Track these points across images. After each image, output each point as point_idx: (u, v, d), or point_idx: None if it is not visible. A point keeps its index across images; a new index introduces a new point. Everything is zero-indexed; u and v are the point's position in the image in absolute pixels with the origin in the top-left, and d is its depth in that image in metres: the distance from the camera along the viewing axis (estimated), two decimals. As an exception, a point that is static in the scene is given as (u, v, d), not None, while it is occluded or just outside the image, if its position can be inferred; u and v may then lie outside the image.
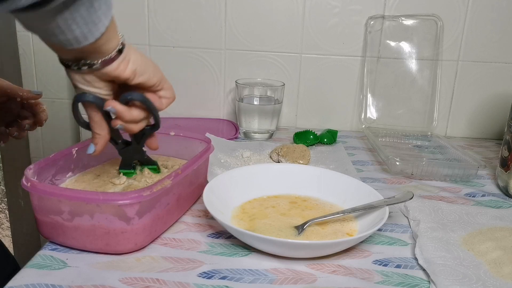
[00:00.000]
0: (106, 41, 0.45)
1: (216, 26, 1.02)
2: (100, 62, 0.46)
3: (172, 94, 0.55)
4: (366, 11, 1.00)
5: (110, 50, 0.46)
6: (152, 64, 0.52)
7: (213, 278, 0.48)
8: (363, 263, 0.52)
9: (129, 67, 0.48)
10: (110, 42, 0.46)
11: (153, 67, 0.52)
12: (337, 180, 0.67)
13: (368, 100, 1.04)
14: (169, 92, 0.55)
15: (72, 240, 0.51)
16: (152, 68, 0.51)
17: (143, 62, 0.50)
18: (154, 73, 0.51)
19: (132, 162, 0.62)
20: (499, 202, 0.71)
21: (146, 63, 0.50)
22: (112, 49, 0.46)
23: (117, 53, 0.47)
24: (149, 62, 0.51)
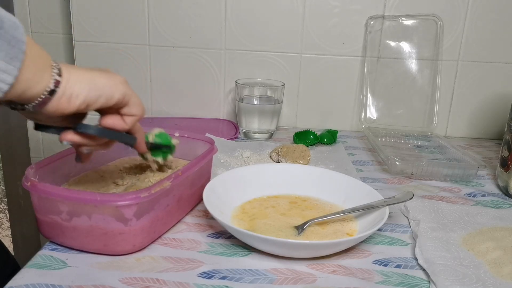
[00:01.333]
0: (26, 88, 0.39)
1: (216, 26, 1.02)
2: (31, 107, 0.41)
3: (138, 111, 0.48)
4: (366, 11, 1.00)
5: (38, 94, 0.40)
6: (111, 83, 0.45)
7: (213, 278, 0.48)
8: (363, 263, 0.52)
9: (72, 102, 0.42)
10: (34, 88, 0.39)
11: (110, 86, 0.45)
12: (337, 180, 0.67)
13: (368, 100, 1.04)
14: (134, 109, 0.48)
15: (71, 240, 0.51)
16: (109, 88, 0.44)
17: (94, 88, 0.43)
18: (113, 92, 0.45)
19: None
20: (499, 202, 0.71)
21: (98, 86, 0.44)
22: (40, 92, 0.40)
23: (49, 95, 0.40)
24: (105, 82, 0.44)
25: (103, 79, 0.44)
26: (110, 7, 1.01)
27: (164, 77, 1.06)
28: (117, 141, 0.51)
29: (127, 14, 1.01)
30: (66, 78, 0.42)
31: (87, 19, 1.02)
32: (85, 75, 0.43)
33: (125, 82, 0.47)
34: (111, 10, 1.01)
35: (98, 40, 1.03)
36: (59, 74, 0.41)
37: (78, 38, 1.03)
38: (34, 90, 0.40)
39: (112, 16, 1.01)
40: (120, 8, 1.01)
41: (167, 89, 1.06)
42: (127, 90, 0.46)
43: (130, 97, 0.47)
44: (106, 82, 0.44)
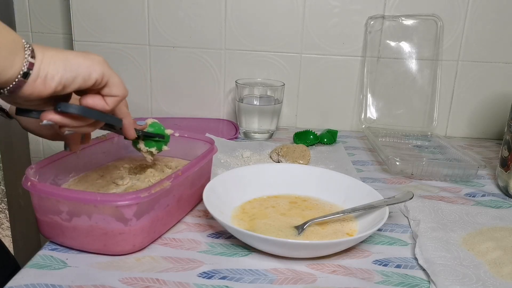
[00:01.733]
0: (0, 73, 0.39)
1: (216, 26, 1.02)
2: (6, 91, 0.40)
3: (119, 91, 0.46)
4: (366, 11, 1.00)
5: (12, 78, 0.39)
6: (87, 62, 0.43)
7: (213, 278, 0.48)
8: (363, 263, 0.52)
9: (48, 84, 0.41)
10: (7, 72, 0.39)
11: (87, 66, 0.43)
12: (337, 180, 0.67)
13: (368, 100, 1.04)
14: (115, 89, 0.46)
15: (71, 240, 0.51)
16: (85, 68, 0.43)
17: (69, 68, 0.42)
18: (90, 72, 0.43)
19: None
20: (499, 202, 0.71)
21: (74, 67, 0.42)
22: (14, 76, 0.39)
23: (23, 77, 0.39)
24: (81, 62, 0.42)
25: (79, 59, 0.42)
26: (110, 7, 1.01)
27: (164, 77, 1.06)
28: (101, 121, 0.48)
29: (127, 14, 1.01)
30: (39, 59, 0.40)
31: (87, 19, 1.02)
32: (60, 55, 0.41)
33: (103, 62, 0.44)
34: (111, 10, 1.01)
35: (98, 40, 1.03)
36: (32, 56, 0.40)
37: (78, 38, 1.03)
38: (7, 74, 0.39)
39: (112, 16, 1.01)
40: (120, 8, 1.01)
41: (167, 89, 1.06)
42: (105, 69, 0.44)
43: (109, 77, 0.45)
44: (82, 62, 0.42)
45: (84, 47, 1.04)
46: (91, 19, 1.02)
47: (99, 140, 0.65)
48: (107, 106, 0.46)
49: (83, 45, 1.03)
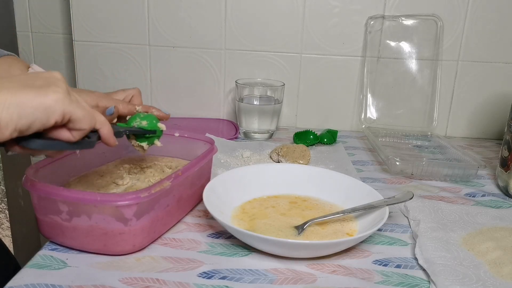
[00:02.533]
0: None
1: (216, 26, 1.02)
2: None
3: (85, 124, 0.42)
4: (366, 11, 1.00)
5: None
6: (44, 104, 0.38)
7: (213, 278, 0.48)
8: (363, 263, 0.52)
9: (1, 133, 0.37)
10: None
11: (44, 108, 0.38)
12: (337, 180, 0.67)
13: (368, 100, 1.04)
14: (78, 124, 0.42)
15: (71, 240, 0.51)
16: (42, 112, 0.38)
17: (24, 113, 0.37)
18: (48, 115, 0.39)
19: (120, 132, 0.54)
20: (499, 202, 0.71)
21: (28, 112, 0.38)
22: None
23: None
24: (37, 105, 0.38)
25: (36, 101, 0.38)
26: (110, 7, 1.01)
27: (164, 77, 1.06)
28: (69, 150, 0.46)
29: (127, 14, 1.01)
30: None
31: (87, 19, 1.02)
32: (14, 99, 0.37)
33: (63, 99, 0.39)
34: (111, 10, 1.01)
35: (98, 40, 1.03)
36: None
37: (78, 38, 1.03)
38: None
39: (112, 16, 1.01)
40: (120, 8, 1.01)
41: (167, 89, 1.06)
42: (66, 107, 0.40)
43: (71, 113, 0.41)
44: (39, 105, 0.38)
45: (84, 47, 1.04)
46: (91, 19, 1.02)
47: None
48: (72, 138, 0.43)
49: (83, 45, 1.04)
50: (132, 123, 0.57)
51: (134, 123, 0.57)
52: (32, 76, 0.41)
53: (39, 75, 0.41)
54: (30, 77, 0.40)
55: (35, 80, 0.40)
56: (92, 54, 1.04)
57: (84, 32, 1.03)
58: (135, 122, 0.57)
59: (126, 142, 0.68)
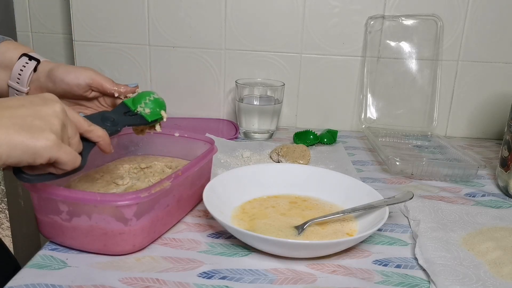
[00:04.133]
0: None
1: (216, 26, 1.02)
2: None
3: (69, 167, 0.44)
4: (366, 11, 1.00)
5: None
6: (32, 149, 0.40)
7: (213, 278, 0.48)
8: (363, 263, 0.52)
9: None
10: None
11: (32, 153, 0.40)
12: (337, 180, 0.67)
13: (368, 100, 1.04)
14: (64, 166, 0.44)
15: (71, 240, 0.51)
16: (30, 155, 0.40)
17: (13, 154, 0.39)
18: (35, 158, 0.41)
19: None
20: (499, 202, 0.71)
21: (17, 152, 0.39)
22: None
23: None
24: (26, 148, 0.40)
25: (25, 144, 0.39)
26: (110, 7, 1.01)
27: (164, 77, 1.06)
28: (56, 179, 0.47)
29: (127, 14, 1.01)
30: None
31: (87, 19, 1.02)
32: (7, 139, 0.39)
33: (51, 147, 0.41)
34: (111, 10, 1.01)
35: (98, 40, 1.03)
36: None
37: (78, 38, 1.03)
38: None
39: (112, 16, 1.01)
40: (120, 8, 1.01)
41: (167, 89, 1.06)
42: (52, 154, 0.41)
43: (57, 158, 0.42)
44: (28, 149, 0.40)
45: (84, 47, 1.04)
46: (91, 19, 1.02)
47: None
48: (60, 172, 0.45)
49: (83, 45, 1.04)
50: (137, 106, 0.57)
51: (139, 107, 0.57)
52: (30, 108, 0.42)
53: (38, 112, 0.42)
54: (28, 110, 0.41)
55: (33, 119, 0.41)
56: (92, 54, 1.04)
57: (84, 32, 1.03)
58: (140, 107, 0.57)
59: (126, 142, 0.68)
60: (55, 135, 0.42)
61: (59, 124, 0.43)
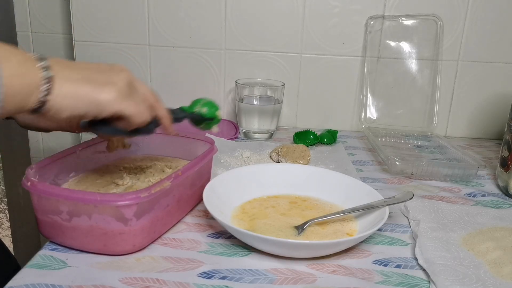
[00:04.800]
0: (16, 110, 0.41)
1: (216, 26, 1.02)
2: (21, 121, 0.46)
3: (136, 121, 0.48)
4: (366, 11, 1.00)
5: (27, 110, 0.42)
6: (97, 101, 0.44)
7: (213, 278, 0.48)
8: (363, 263, 0.52)
9: (59, 115, 0.43)
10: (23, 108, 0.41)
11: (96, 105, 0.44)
12: (337, 180, 0.67)
13: (368, 100, 1.04)
14: (129, 119, 0.47)
15: (71, 240, 0.51)
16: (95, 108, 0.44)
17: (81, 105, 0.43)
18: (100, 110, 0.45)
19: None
20: (499, 202, 0.71)
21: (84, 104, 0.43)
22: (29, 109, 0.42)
23: (35, 112, 0.42)
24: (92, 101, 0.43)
25: (89, 97, 0.43)
26: (110, 7, 1.01)
27: (164, 77, 1.06)
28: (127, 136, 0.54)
29: (127, 14, 1.01)
30: (54, 95, 0.42)
31: (87, 19, 1.02)
32: (73, 91, 0.42)
33: (114, 99, 0.44)
34: (111, 10, 1.01)
35: (98, 40, 1.03)
36: (47, 94, 0.41)
37: (78, 38, 1.03)
38: (24, 109, 0.41)
39: (112, 16, 1.01)
40: (120, 8, 1.01)
41: (167, 89, 1.06)
42: (115, 107, 0.45)
43: (123, 112, 0.45)
44: (92, 101, 0.43)
45: (84, 47, 1.04)
46: (91, 19, 1.02)
47: (99, 140, 0.65)
48: (129, 128, 0.49)
49: (83, 45, 1.04)
50: (194, 108, 0.62)
51: (196, 108, 0.62)
52: (98, 69, 0.46)
53: (104, 70, 0.46)
54: (95, 70, 0.45)
55: (98, 75, 0.45)
56: (92, 54, 1.04)
57: (84, 32, 1.03)
58: (196, 108, 0.62)
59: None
60: (119, 90, 0.45)
61: (124, 83, 0.45)
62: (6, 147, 1.14)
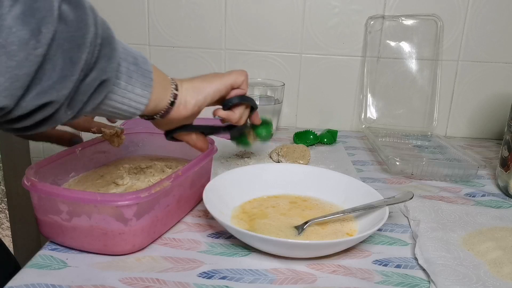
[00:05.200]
0: (156, 105, 0.51)
1: (216, 26, 1.02)
2: (159, 116, 0.53)
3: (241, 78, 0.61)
4: (366, 11, 1.00)
5: (163, 106, 0.52)
6: (213, 88, 0.57)
7: (213, 278, 0.48)
8: (363, 263, 0.52)
9: (187, 107, 0.54)
10: (160, 103, 0.51)
11: (213, 91, 0.57)
12: (337, 180, 0.67)
13: (368, 100, 1.04)
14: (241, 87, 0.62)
15: (71, 240, 0.51)
16: (212, 93, 0.57)
17: (201, 93, 0.56)
18: (215, 95, 0.58)
19: (241, 133, 0.68)
20: (499, 202, 0.71)
21: (203, 92, 0.56)
22: (165, 105, 0.52)
23: (170, 105, 0.53)
24: (207, 88, 0.57)
25: (208, 87, 0.57)
26: (110, 7, 1.01)
27: (164, 77, 1.06)
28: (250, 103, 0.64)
29: (127, 14, 1.01)
30: (181, 91, 0.53)
31: (87, 19, 1.01)
32: (192, 85, 0.56)
33: (224, 84, 0.59)
34: (111, 10, 1.01)
35: (98, 40, 1.03)
36: (176, 89, 0.53)
37: (78, 38, 1.03)
38: (160, 105, 0.51)
39: (112, 16, 1.01)
40: (120, 8, 1.01)
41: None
42: (222, 86, 0.59)
43: (232, 85, 0.60)
44: (208, 88, 0.57)
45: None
46: (91, 19, 1.01)
47: (99, 140, 0.65)
48: (244, 91, 0.62)
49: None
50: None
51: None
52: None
53: None
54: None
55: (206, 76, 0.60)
56: (92, 54, 1.04)
57: (84, 32, 1.02)
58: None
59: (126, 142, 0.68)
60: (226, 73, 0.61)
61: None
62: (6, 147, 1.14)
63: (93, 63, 0.40)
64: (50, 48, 0.35)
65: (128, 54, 0.46)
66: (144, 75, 0.47)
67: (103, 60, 0.41)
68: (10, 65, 0.33)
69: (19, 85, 0.34)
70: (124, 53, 0.45)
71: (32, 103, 0.36)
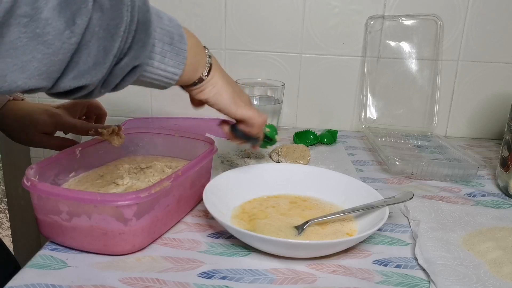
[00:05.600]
0: (186, 80, 0.53)
1: (216, 26, 1.02)
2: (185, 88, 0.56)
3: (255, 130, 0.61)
4: (366, 11, 1.00)
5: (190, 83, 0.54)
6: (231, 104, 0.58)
7: (213, 278, 0.48)
8: (363, 263, 0.52)
9: (201, 94, 0.57)
10: (190, 80, 0.53)
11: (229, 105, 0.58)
12: (337, 180, 0.67)
13: (368, 100, 1.04)
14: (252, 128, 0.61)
15: (71, 240, 0.51)
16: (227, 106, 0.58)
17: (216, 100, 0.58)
18: (227, 112, 0.59)
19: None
20: (499, 202, 0.71)
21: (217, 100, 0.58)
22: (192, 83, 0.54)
23: (193, 86, 0.55)
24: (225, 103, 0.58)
25: (227, 99, 0.58)
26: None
27: (164, 77, 1.06)
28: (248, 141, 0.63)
29: (127, 14, 1.01)
30: (208, 79, 0.55)
31: (87, 19, 1.01)
32: (219, 85, 0.57)
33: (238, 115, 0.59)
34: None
35: (98, 40, 1.03)
36: (206, 75, 0.55)
37: (78, 38, 1.03)
38: (190, 80, 0.54)
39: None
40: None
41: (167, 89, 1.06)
42: (240, 117, 0.59)
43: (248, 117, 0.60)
44: (226, 103, 0.58)
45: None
46: (91, 19, 1.01)
47: (99, 140, 0.65)
48: (250, 132, 0.61)
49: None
50: None
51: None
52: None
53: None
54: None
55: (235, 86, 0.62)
56: (92, 54, 1.04)
57: (84, 32, 1.02)
58: None
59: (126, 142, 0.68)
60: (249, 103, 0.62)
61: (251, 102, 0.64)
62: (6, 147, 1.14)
63: (127, 49, 0.41)
64: (84, 37, 0.37)
65: (164, 33, 0.47)
66: (177, 54, 0.49)
67: (136, 46, 0.42)
68: (47, 52, 0.35)
69: (55, 69, 0.37)
70: (160, 33, 0.46)
71: (69, 84, 0.39)
